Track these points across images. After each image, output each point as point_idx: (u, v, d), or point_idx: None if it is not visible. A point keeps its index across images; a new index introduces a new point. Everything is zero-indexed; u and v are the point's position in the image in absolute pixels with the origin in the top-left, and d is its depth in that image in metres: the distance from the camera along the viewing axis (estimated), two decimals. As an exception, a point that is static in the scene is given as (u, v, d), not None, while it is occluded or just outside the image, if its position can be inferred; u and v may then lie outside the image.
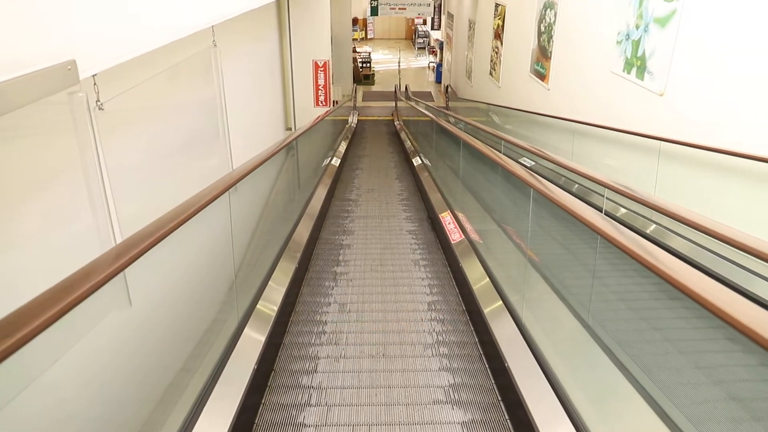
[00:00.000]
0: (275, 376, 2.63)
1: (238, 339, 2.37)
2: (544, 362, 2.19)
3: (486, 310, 2.80)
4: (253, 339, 2.47)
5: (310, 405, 2.42)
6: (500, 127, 9.49)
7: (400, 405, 2.43)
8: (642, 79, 4.65)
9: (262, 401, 2.43)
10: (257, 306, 2.71)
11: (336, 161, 7.18)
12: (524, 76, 8.29)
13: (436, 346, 2.90)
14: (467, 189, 4.71)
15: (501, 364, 2.36)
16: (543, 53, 7.36)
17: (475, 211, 4.27)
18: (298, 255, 3.54)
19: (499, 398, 2.43)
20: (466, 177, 4.94)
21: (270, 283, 3.00)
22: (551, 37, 7.00)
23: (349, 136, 10.51)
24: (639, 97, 4.69)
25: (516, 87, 8.98)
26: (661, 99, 4.33)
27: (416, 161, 7.45)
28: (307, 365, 2.72)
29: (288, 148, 4.23)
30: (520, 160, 7.09)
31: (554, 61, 6.93)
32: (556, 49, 6.85)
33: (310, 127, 5.41)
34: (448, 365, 2.73)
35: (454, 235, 3.89)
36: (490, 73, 10.70)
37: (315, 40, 8.95)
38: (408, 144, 9.40)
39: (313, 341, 2.95)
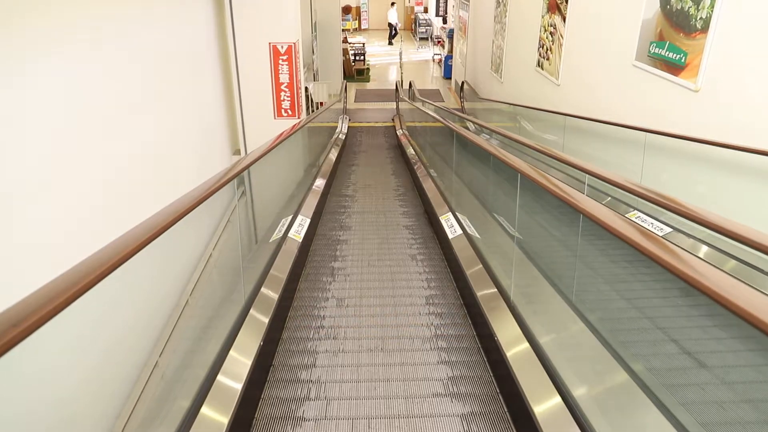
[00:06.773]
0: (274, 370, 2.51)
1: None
2: None
3: None
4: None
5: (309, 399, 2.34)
6: (556, 144, 6.13)
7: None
8: None
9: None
10: None
11: (300, 228, 3.79)
12: (619, 68, 4.94)
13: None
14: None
15: None
16: (678, 24, 4.01)
17: None
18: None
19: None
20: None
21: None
22: (706, -10, 3.64)
23: (338, 148, 7.15)
24: None
25: (595, 85, 5.61)
26: None
27: (454, 235, 3.95)
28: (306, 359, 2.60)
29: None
30: (630, 215, 3.95)
31: (717, 37, 3.57)
32: (727, 10, 3.50)
33: (246, 167, 2.07)
34: None
35: None
36: (539, 65, 7.33)
37: (274, 11, 5.54)
38: (420, 171, 6.01)
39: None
